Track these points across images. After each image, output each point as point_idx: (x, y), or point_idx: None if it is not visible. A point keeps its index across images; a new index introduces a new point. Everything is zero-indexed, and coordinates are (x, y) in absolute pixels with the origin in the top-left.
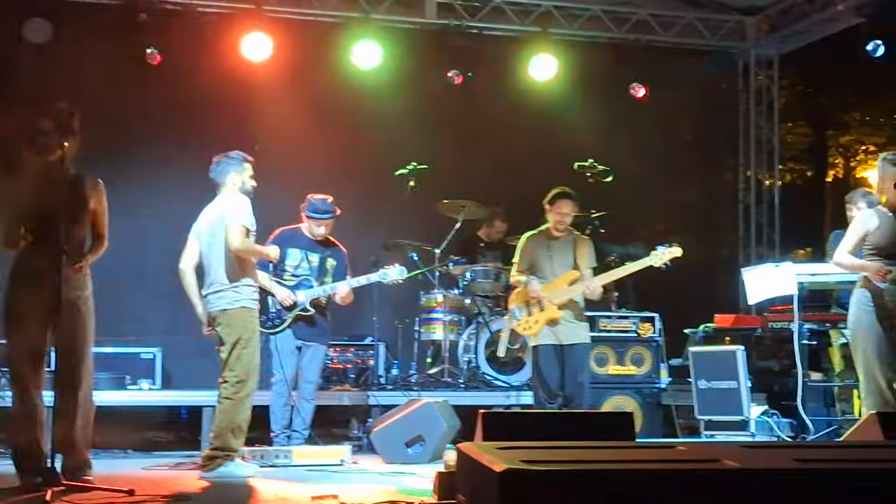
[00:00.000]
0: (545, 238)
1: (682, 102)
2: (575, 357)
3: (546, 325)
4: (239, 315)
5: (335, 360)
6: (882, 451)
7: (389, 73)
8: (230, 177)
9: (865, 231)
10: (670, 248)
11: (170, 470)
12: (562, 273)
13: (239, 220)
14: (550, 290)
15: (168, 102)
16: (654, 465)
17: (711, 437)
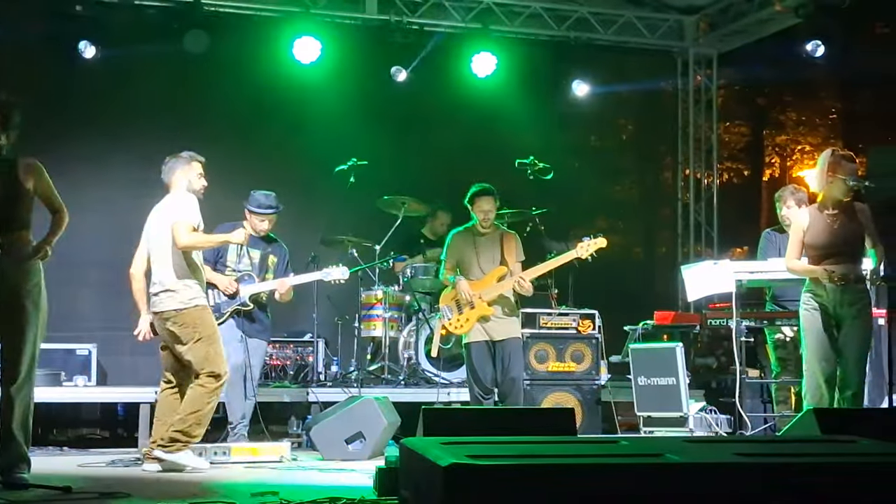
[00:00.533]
0: (471, 235)
1: (622, 101)
2: (507, 353)
3: (477, 322)
4: (194, 313)
5: (274, 356)
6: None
7: (330, 69)
8: (177, 175)
9: (802, 231)
10: (595, 239)
11: (106, 467)
12: (489, 269)
13: (182, 218)
14: (479, 287)
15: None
16: (599, 459)
17: (651, 433)
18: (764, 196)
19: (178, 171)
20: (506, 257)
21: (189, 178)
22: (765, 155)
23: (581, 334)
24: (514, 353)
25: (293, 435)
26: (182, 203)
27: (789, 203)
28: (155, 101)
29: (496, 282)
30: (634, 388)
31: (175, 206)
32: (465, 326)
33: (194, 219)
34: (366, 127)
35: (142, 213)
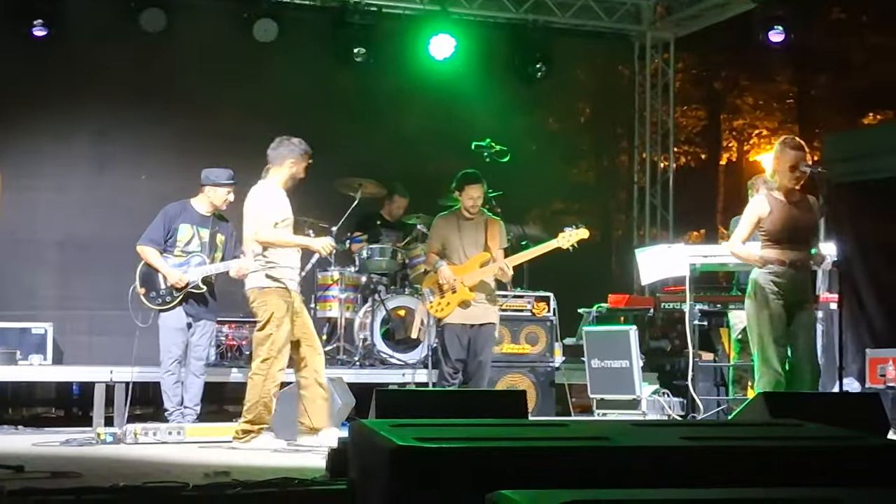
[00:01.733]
0: (456, 219)
1: (578, 84)
2: (481, 337)
3: (458, 306)
4: (272, 294)
5: (230, 336)
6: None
7: (287, 51)
8: (287, 163)
9: (758, 217)
10: (577, 230)
11: (60, 446)
12: (472, 254)
13: (267, 214)
14: (461, 272)
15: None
16: (547, 442)
17: (604, 415)
18: (721, 180)
19: (289, 160)
20: (489, 243)
21: (297, 169)
22: (722, 139)
23: (536, 316)
24: (486, 339)
25: None
26: (272, 197)
27: (761, 191)
28: (110, 81)
29: (478, 267)
30: (588, 370)
31: (264, 198)
32: (445, 310)
33: (279, 215)
34: (324, 109)
35: (96, 192)
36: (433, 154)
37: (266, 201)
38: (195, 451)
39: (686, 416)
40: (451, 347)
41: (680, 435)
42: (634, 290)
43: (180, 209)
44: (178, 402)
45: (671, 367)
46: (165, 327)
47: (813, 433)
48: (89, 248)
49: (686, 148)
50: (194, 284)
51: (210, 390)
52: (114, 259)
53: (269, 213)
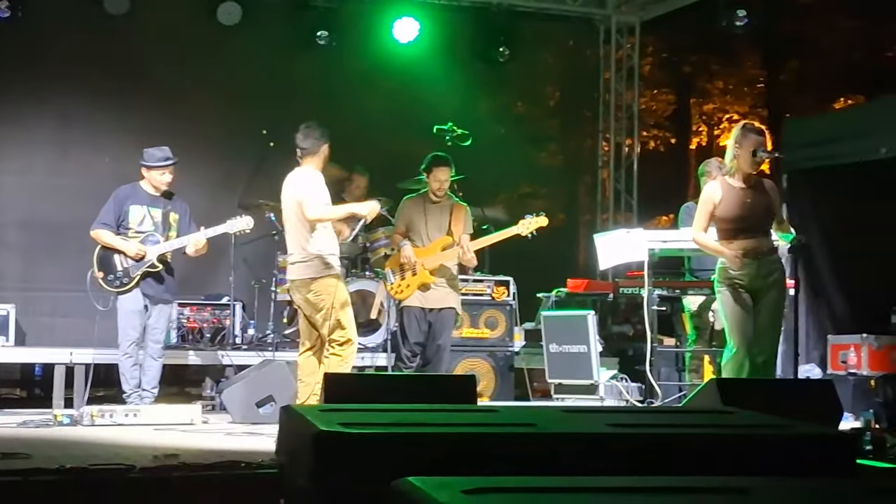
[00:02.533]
0: (423, 202)
1: (544, 68)
2: (440, 321)
3: (417, 289)
4: (327, 282)
5: (191, 319)
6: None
7: (251, 34)
8: (322, 148)
9: (712, 204)
10: (537, 218)
11: (17, 427)
12: (435, 238)
13: (314, 194)
14: (423, 254)
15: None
16: (472, 428)
17: (562, 400)
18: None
19: (320, 143)
20: (453, 228)
21: (326, 149)
22: (692, 123)
23: (495, 301)
24: (445, 323)
25: (207, 398)
26: (314, 179)
27: (714, 176)
28: (74, 63)
29: (440, 251)
30: (546, 355)
31: (307, 181)
32: (405, 292)
33: (324, 195)
34: (286, 91)
35: (60, 174)
36: (396, 137)
37: (313, 183)
38: (150, 433)
39: (644, 401)
40: (410, 330)
41: (607, 422)
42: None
43: (130, 191)
44: (136, 385)
45: (633, 352)
46: (123, 310)
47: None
48: (52, 231)
49: (656, 132)
50: (150, 263)
51: (170, 373)
52: (77, 241)
53: (318, 193)
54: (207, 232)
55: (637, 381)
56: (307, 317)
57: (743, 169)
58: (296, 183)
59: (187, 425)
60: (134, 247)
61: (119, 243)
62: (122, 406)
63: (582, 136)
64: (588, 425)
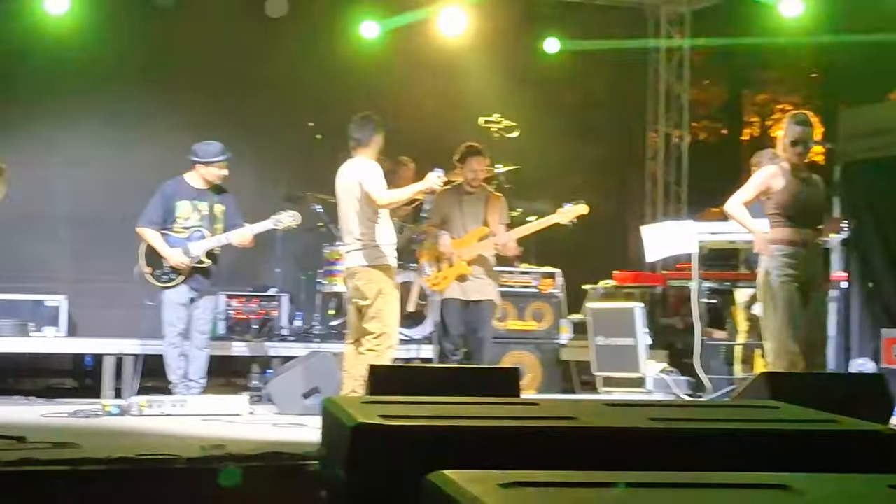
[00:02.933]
0: (457, 193)
1: (593, 58)
2: (480, 313)
3: (455, 280)
4: (379, 271)
5: (238, 310)
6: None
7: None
8: (375, 139)
9: (767, 186)
10: (576, 206)
11: (67, 418)
12: (472, 229)
13: (376, 183)
14: (460, 245)
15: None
16: (508, 421)
17: (609, 393)
18: (743, 156)
19: (373, 134)
20: (489, 218)
21: (380, 139)
22: (744, 114)
23: (542, 293)
24: (485, 315)
25: (254, 389)
26: (372, 167)
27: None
28: (122, 57)
29: (477, 241)
30: (593, 348)
31: (365, 170)
32: (442, 284)
33: (384, 183)
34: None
35: (110, 168)
36: (443, 129)
37: (372, 171)
38: (197, 424)
39: (693, 394)
40: (451, 323)
41: (649, 416)
42: (647, 268)
43: (176, 186)
44: (182, 375)
45: (683, 345)
46: (168, 302)
47: (789, 415)
48: (102, 223)
49: (707, 123)
50: (198, 259)
51: (218, 363)
52: (127, 234)
53: (380, 180)
54: (254, 227)
55: (686, 374)
56: (357, 306)
57: (793, 160)
58: (353, 172)
59: (234, 416)
60: (177, 257)
61: (163, 249)
62: (169, 397)
63: (631, 128)
64: (629, 419)
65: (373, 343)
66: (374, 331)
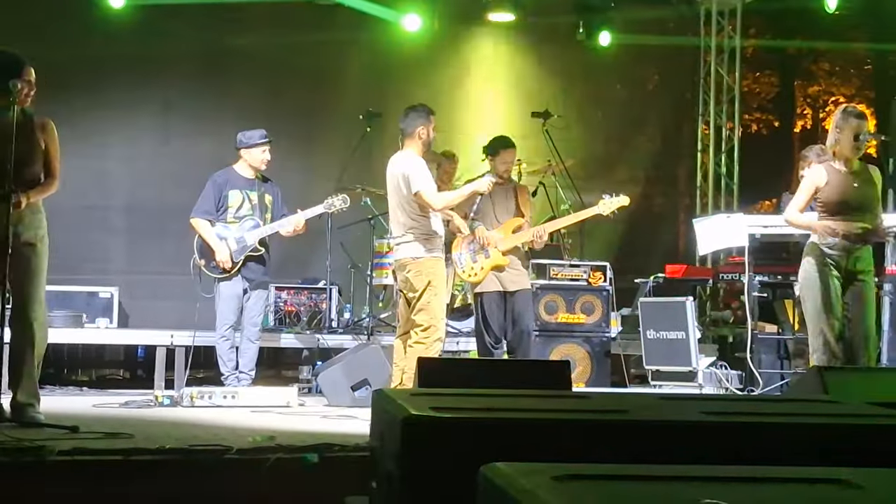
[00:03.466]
0: None
1: (644, 50)
2: (519, 304)
3: (491, 271)
4: (428, 263)
5: (288, 302)
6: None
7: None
8: (419, 129)
9: (815, 187)
10: (618, 197)
11: (119, 408)
12: (504, 220)
13: (426, 184)
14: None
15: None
16: (561, 414)
17: (659, 387)
18: (795, 148)
19: (420, 125)
20: (521, 209)
21: (428, 131)
22: (796, 106)
23: (592, 286)
24: (525, 305)
25: (303, 380)
26: (418, 165)
27: (811, 162)
28: (180, 49)
29: (511, 232)
30: (643, 341)
31: (411, 166)
32: (479, 275)
33: (431, 181)
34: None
35: (163, 160)
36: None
37: (419, 170)
38: (248, 415)
39: (744, 389)
40: (492, 317)
41: (702, 409)
42: (698, 261)
43: (226, 176)
44: (234, 367)
45: (733, 339)
46: (222, 294)
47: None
48: (155, 215)
49: (759, 115)
50: (252, 247)
51: (267, 355)
52: (179, 226)
53: (429, 181)
54: (306, 213)
55: (737, 368)
56: (406, 298)
57: (844, 153)
58: (400, 165)
59: (284, 408)
60: (225, 255)
61: (213, 242)
62: (220, 388)
63: (682, 120)
64: (682, 413)
65: (421, 335)
66: (423, 323)
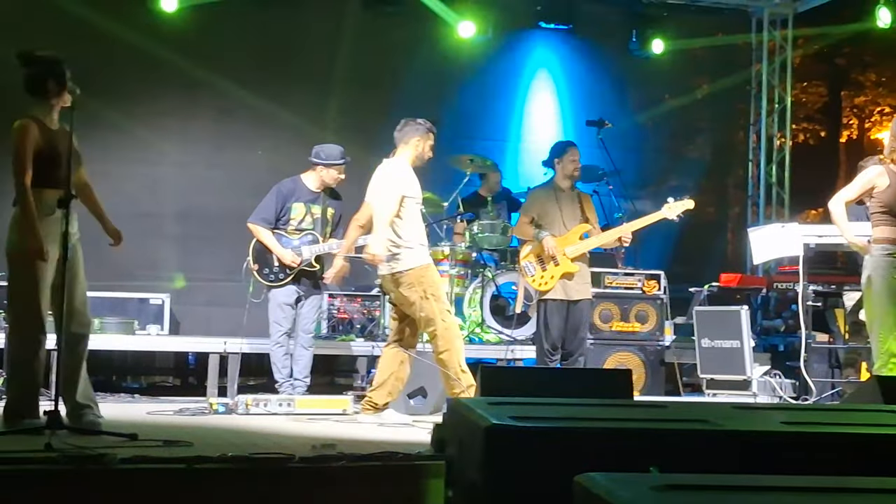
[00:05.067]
0: (553, 191)
1: (695, 59)
2: (580, 313)
3: (561, 278)
4: (417, 273)
5: (341, 309)
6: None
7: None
8: (412, 142)
9: (872, 186)
10: (682, 201)
11: (173, 415)
12: (572, 226)
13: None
14: (563, 243)
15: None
16: (642, 423)
17: (714, 395)
18: (842, 157)
19: (414, 139)
20: (587, 214)
21: (423, 148)
22: (843, 116)
23: (646, 294)
24: (585, 314)
25: (358, 388)
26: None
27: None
28: (232, 54)
29: (579, 239)
30: (698, 350)
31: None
32: (549, 283)
33: (408, 190)
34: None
35: (217, 167)
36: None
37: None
38: (304, 423)
39: (798, 398)
40: (552, 324)
41: (781, 419)
42: (749, 270)
43: (293, 186)
44: (288, 374)
45: (785, 348)
46: (275, 301)
47: None
48: (208, 222)
49: (806, 125)
50: (308, 262)
51: (321, 363)
52: (231, 233)
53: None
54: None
55: (789, 377)
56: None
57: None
58: (379, 172)
59: (340, 415)
60: (289, 256)
61: (275, 247)
62: (275, 395)
63: (732, 129)
64: (762, 423)
65: (438, 345)
66: (430, 334)
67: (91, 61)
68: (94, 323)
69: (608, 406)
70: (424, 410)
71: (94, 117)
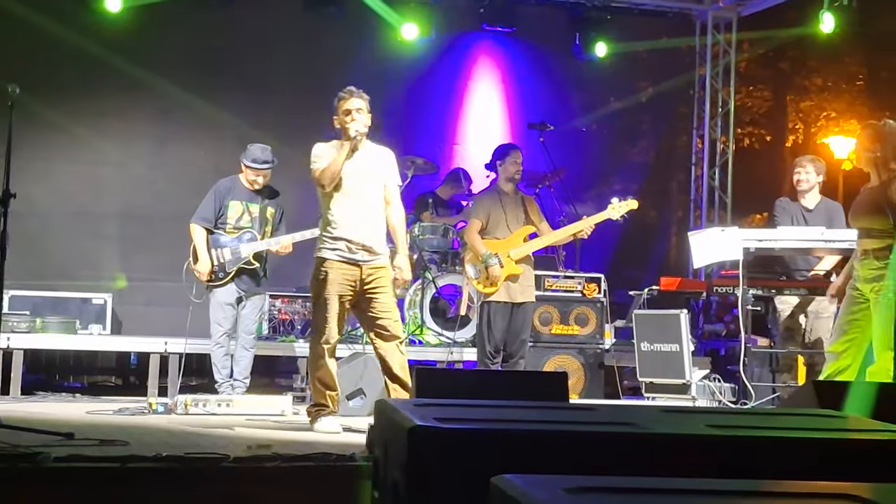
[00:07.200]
0: (497, 194)
1: (640, 63)
2: (523, 315)
3: (505, 280)
4: (314, 267)
5: (283, 311)
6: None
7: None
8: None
9: None
10: (626, 201)
11: (112, 415)
12: (516, 228)
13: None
14: (507, 245)
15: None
16: (567, 426)
17: (653, 399)
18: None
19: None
20: (532, 217)
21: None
22: (788, 120)
23: (586, 297)
24: (528, 317)
25: (297, 389)
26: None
27: (808, 169)
28: (173, 55)
29: (523, 241)
30: (637, 353)
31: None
32: (495, 284)
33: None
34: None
35: (159, 168)
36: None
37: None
38: (243, 423)
39: (737, 402)
40: (495, 326)
41: (706, 422)
42: (691, 274)
43: (230, 185)
44: (228, 375)
45: (726, 352)
46: (215, 301)
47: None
48: (149, 222)
49: (751, 129)
50: (246, 260)
51: (262, 363)
52: (172, 233)
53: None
54: (295, 236)
55: (729, 381)
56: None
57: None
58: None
59: (278, 416)
60: (206, 267)
61: (201, 253)
62: (215, 396)
63: (676, 132)
64: (687, 426)
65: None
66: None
67: (32, 60)
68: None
69: (536, 408)
70: (363, 412)
71: (35, 117)
